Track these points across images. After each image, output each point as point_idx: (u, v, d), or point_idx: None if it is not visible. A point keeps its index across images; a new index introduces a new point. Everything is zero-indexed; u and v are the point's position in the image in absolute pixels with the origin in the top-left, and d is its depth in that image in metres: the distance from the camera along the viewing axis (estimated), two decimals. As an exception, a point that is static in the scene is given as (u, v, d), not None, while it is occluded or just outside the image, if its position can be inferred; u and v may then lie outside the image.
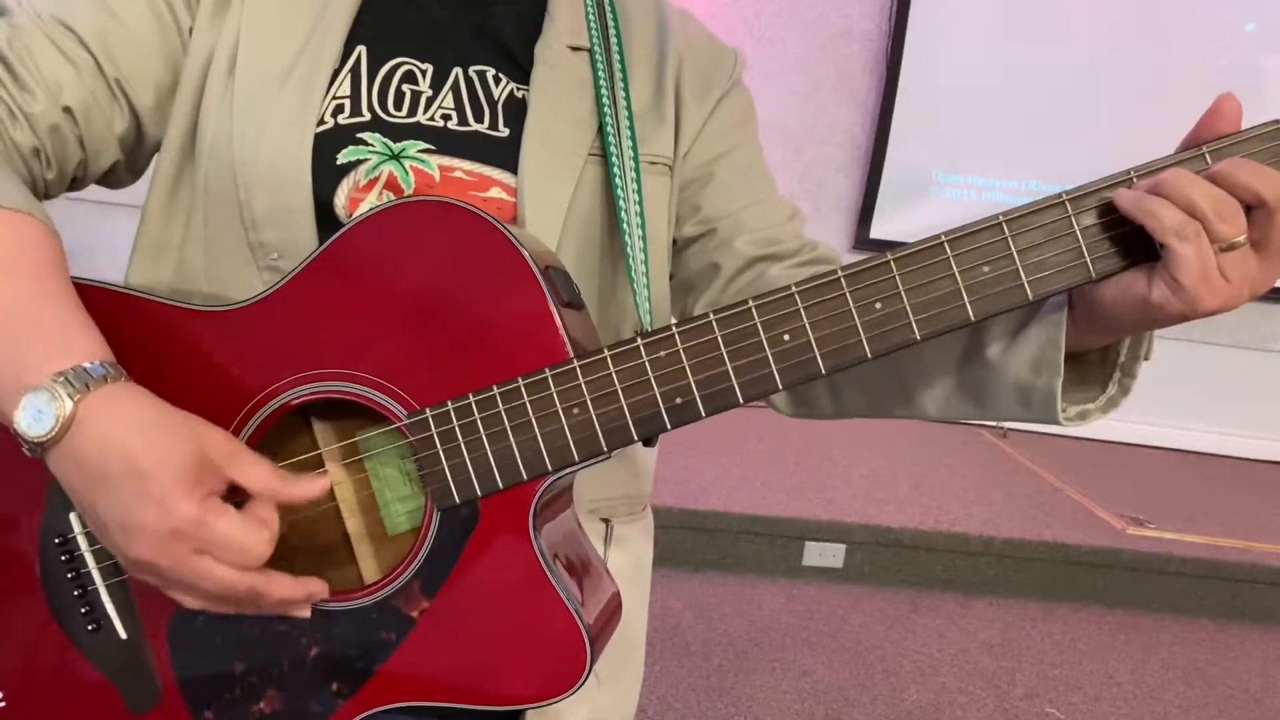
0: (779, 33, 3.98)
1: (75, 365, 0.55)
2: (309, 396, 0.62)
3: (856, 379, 0.73)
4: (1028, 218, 0.55)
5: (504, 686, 0.61)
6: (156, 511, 0.53)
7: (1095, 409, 0.63)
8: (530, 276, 0.59)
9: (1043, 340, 0.60)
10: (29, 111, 0.65)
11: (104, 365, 0.56)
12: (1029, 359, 0.61)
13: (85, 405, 0.54)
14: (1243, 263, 0.52)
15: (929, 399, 0.69)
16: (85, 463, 0.55)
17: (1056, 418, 0.61)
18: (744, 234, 0.77)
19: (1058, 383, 0.60)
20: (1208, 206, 0.51)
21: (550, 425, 0.59)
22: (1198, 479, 3.85)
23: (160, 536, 0.53)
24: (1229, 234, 0.51)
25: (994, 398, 0.64)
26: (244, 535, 0.55)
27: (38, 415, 0.54)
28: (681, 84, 0.79)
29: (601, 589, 0.67)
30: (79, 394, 0.54)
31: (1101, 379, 0.63)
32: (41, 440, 0.54)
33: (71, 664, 0.65)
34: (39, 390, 0.54)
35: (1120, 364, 0.61)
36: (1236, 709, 2.38)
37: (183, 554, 0.54)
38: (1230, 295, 0.53)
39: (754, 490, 2.97)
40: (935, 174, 4.06)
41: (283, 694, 0.63)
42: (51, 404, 0.54)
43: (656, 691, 2.15)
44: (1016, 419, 0.64)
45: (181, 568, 0.54)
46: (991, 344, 0.63)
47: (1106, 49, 3.92)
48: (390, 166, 0.69)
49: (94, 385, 0.55)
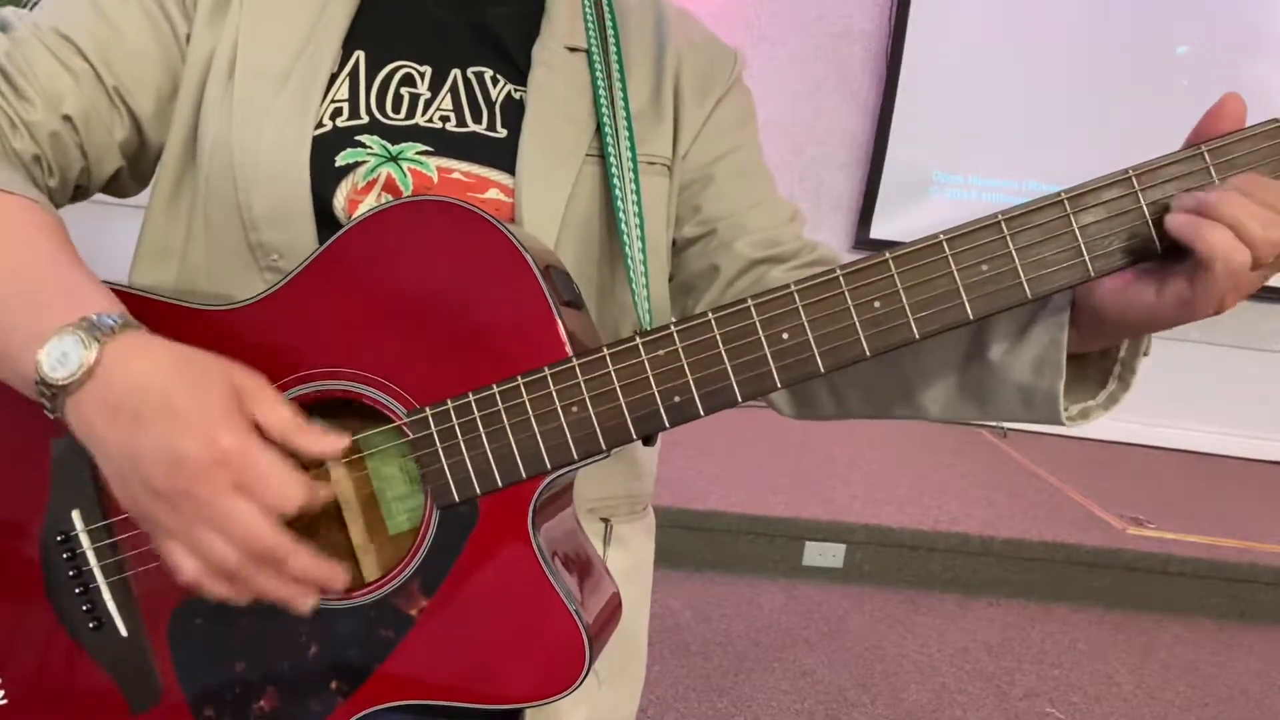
0: (779, 32, 3.98)
1: (97, 313, 0.55)
2: (310, 395, 0.62)
3: (857, 380, 0.73)
4: (1026, 216, 0.55)
5: (503, 685, 0.61)
6: (200, 441, 0.53)
7: (1096, 406, 0.63)
8: (530, 275, 0.59)
9: (1045, 341, 0.60)
10: (28, 120, 0.66)
11: (123, 316, 0.57)
12: (1031, 360, 0.61)
13: (110, 348, 0.54)
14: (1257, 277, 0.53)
15: (931, 399, 0.69)
16: (115, 403, 0.54)
17: (1059, 418, 0.62)
18: (745, 236, 0.77)
19: (1060, 384, 0.60)
20: (1259, 232, 0.51)
21: (549, 424, 0.60)
22: (1198, 479, 3.85)
23: (204, 465, 0.53)
24: (1269, 255, 0.51)
25: (996, 398, 0.65)
26: (284, 473, 0.54)
27: (63, 358, 0.54)
28: (681, 84, 0.79)
29: (601, 588, 0.67)
30: (104, 337, 0.54)
31: (1101, 375, 0.63)
32: (65, 383, 0.54)
33: (72, 661, 0.65)
34: (63, 334, 0.54)
35: (1121, 359, 0.62)
36: (1236, 709, 2.38)
37: (223, 485, 0.53)
38: (1234, 299, 0.54)
39: (754, 490, 2.97)
40: (935, 174, 4.06)
41: (282, 692, 0.64)
42: (78, 346, 0.54)
43: (656, 691, 2.15)
44: (1019, 419, 0.64)
45: (219, 502, 0.53)
46: (993, 345, 0.63)
47: (1106, 49, 3.92)
48: (388, 168, 0.69)
49: (119, 330, 0.55)
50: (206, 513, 0.53)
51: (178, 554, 0.55)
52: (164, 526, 0.55)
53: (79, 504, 0.64)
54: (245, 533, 0.54)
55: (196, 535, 0.54)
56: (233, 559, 0.54)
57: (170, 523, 0.55)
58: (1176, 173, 0.53)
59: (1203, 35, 3.91)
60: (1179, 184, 0.53)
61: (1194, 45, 3.91)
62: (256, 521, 0.54)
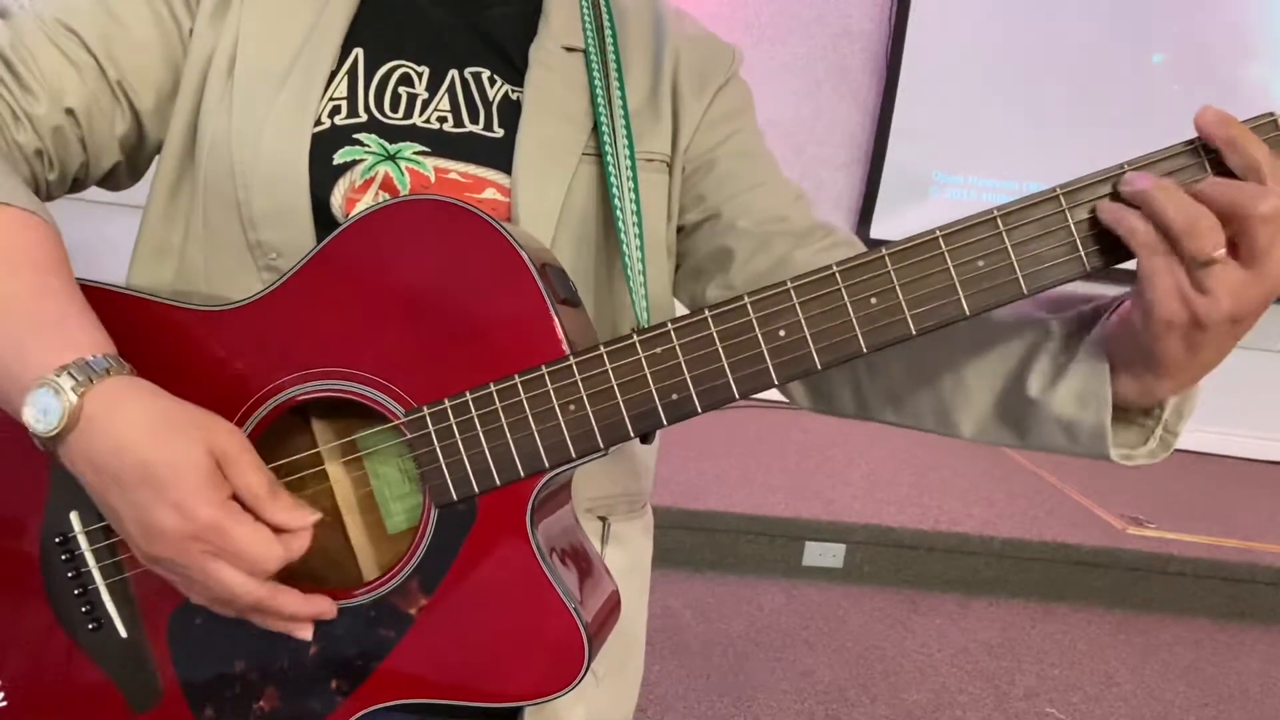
0: (779, 32, 3.98)
1: (78, 359, 0.55)
2: (308, 395, 0.62)
3: (889, 390, 0.72)
4: (1022, 212, 0.55)
5: (502, 683, 0.61)
6: (175, 516, 0.54)
7: (1140, 455, 0.61)
8: (527, 274, 0.59)
9: (1086, 374, 0.59)
10: (32, 113, 0.66)
11: (106, 358, 0.57)
12: (1074, 394, 0.60)
13: (90, 399, 0.55)
14: (1223, 274, 0.51)
15: (966, 422, 0.67)
16: (98, 463, 0.55)
17: (1106, 452, 0.60)
18: (750, 214, 0.77)
19: (1106, 415, 0.59)
20: (1180, 223, 0.51)
21: (547, 422, 0.60)
22: (1198, 479, 3.84)
23: (179, 539, 0.55)
24: (1200, 249, 0.50)
25: (1037, 430, 0.63)
26: (260, 545, 0.56)
27: (44, 411, 0.54)
28: (679, 80, 0.79)
29: (600, 587, 0.67)
30: (82, 388, 0.55)
31: (1144, 432, 0.61)
32: (49, 435, 0.55)
33: (72, 663, 0.65)
34: (43, 386, 0.54)
35: (1164, 420, 0.60)
36: (1236, 709, 2.38)
37: (198, 556, 0.55)
38: (1208, 306, 0.52)
39: (754, 490, 2.97)
40: (935, 174, 4.06)
41: (282, 691, 0.64)
42: (56, 399, 0.54)
43: (656, 691, 2.15)
44: (1063, 452, 0.63)
45: (195, 569, 0.56)
46: (1032, 379, 0.62)
47: (1106, 49, 3.92)
48: (386, 167, 0.69)
49: (97, 379, 0.55)
50: (188, 574, 0.57)
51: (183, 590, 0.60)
52: (166, 568, 0.58)
53: (77, 506, 0.64)
54: (230, 593, 0.57)
55: (190, 588, 0.58)
56: (229, 607, 0.59)
57: (162, 570, 0.58)
58: (1171, 168, 0.53)
59: (1202, 36, 3.91)
60: (1173, 179, 0.53)
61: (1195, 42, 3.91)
62: (238, 583, 0.56)
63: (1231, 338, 0.54)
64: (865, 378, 0.73)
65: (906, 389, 0.70)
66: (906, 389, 0.70)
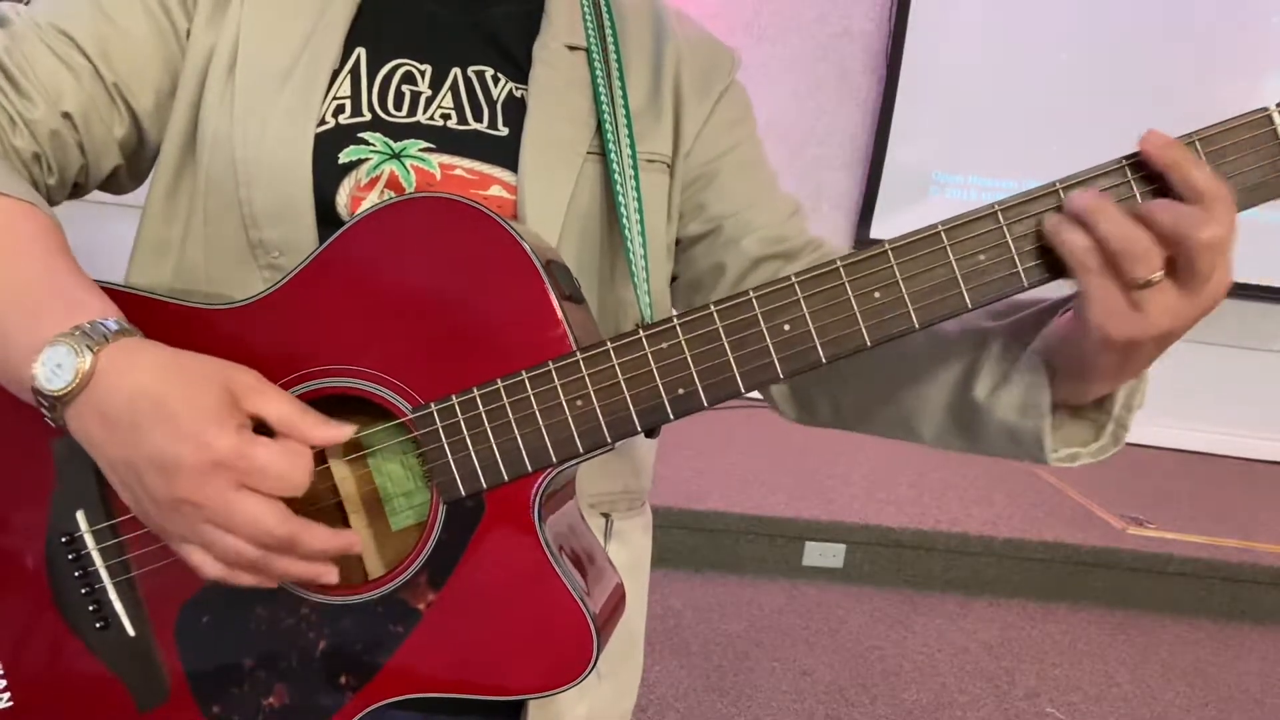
0: (779, 32, 3.98)
1: (91, 320, 0.56)
2: (313, 393, 0.62)
3: (857, 400, 0.74)
4: (1022, 206, 0.55)
5: (511, 676, 0.61)
6: (193, 446, 0.53)
7: (1086, 454, 0.63)
8: (532, 270, 0.60)
9: (1026, 383, 0.61)
10: (29, 118, 0.66)
11: (118, 322, 0.57)
12: (1016, 402, 0.62)
13: (104, 356, 0.55)
14: (1160, 295, 0.52)
15: (926, 429, 0.70)
16: (112, 413, 0.55)
17: (1045, 458, 0.62)
18: (750, 233, 0.78)
19: (1045, 424, 0.60)
20: (1117, 244, 0.51)
21: (554, 417, 0.60)
22: (1198, 479, 3.85)
23: (201, 471, 0.53)
24: (1137, 273, 0.51)
25: (985, 436, 0.66)
26: (283, 460, 0.55)
27: (57, 369, 0.54)
28: (680, 81, 0.80)
29: (606, 579, 0.67)
30: (97, 345, 0.55)
31: (1095, 427, 0.63)
32: (61, 394, 0.54)
33: (79, 662, 0.65)
34: (56, 343, 0.54)
35: (1115, 415, 0.61)
36: (1236, 709, 2.38)
37: (224, 487, 0.53)
38: (1144, 325, 0.52)
39: (754, 490, 2.97)
40: (935, 174, 4.06)
41: (291, 688, 0.64)
42: (70, 356, 0.54)
43: (656, 691, 2.15)
44: (1010, 457, 0.65)
45: (221, 503, 0.54)
46: (979, 385, 0.64)
47: (1106, 48, 3.92)
48: (392, 165, 0.70)
49: (112, 338, 0.55)
50: (212, 514, 0.54)
51: (196, 555, 0.56)
52: (176, 532, 0.56)
53: (83, 504, 0.64)
54: (254, 527, 0.54)
55: (208, 536, 0.55)
56: (249, 553, 0.55)
57: (181, 528, 0.56)
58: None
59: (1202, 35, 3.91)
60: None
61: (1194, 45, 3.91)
62: (262, 514, 0.54)
63: (1161, 350, 0.56)
64: (839, 389, 0.75)
65: (875, 399, 0.72)
66: (875, 399, 0.72)
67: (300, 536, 0.56)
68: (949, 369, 0.66)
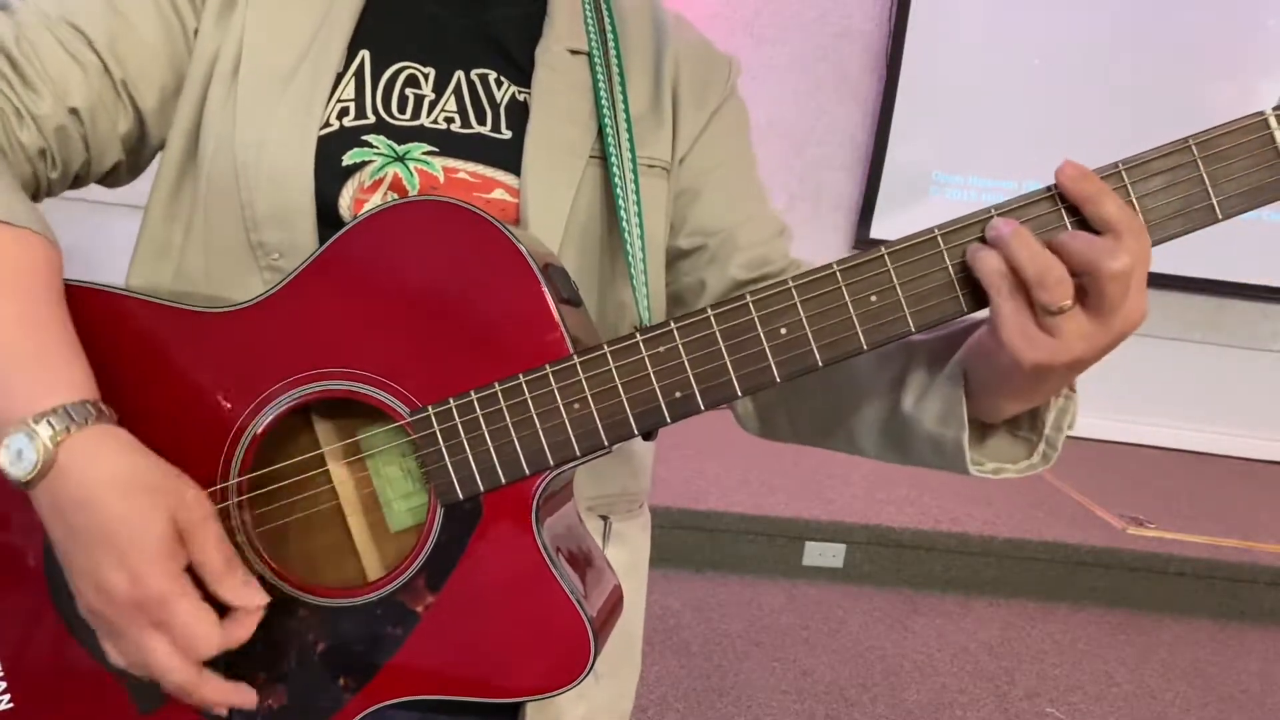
0: (779, 33, 3.98)
1: (57, 405, 0.55)
2: (311, 395, 0.62)
3: (810, 414, 0.76)
4: (1018, 211, 0.55)
5: (509, 678, 0.62)
6: (128, 581, 0.54)
7: (1013, 470, 0.63)
8: (530, 274, 0.60)
9: (945, 393, 0.62)
10: (36, 112, 0.66)
11: (86, 405, 0.57)
12: (937, 411, 0.63)
13: (65, 449, 0.55)
14: (1070, 322, 0.53)
15: (867, 441, 0.71)
16: (64, 513, 0.56)
17: (966, 469, 0.63)
18: (736, 254, 0.78)
19: (963, 435, 0.61)
20: (1030, 272, 0.52)
21: (551, 420, 0.60)
22: (1198, 479, 3.85)
23: (124, 604, 0.55)
24: (1049, 300, 0.52)
25: (913, 448, 0.66)
26: (197, 626, 0.55)
27: (18, 455, 0.55)
28: (679, 87, 0.80)
29: (603, 582, 0.67)
30: (60, 437, 0.55)
31: (1029, 446, 0.63)
32: (23, 480, 0.55)
33: (79, 664, 0.65)
34: (18, 431, 0.55)
35: (1046, 436, 0.62)
36: (1236, 709, 2.38)
37: (140, 623, 0.55)
38: (1056, 349, 0.53)
39: (754, 490, 2.98)
40: (935, 174, 4.07)
41: (290, 690, 0.64)
42: (32, 446, 0.54)
43: (656, 691, 2.15)
44: (936, 467, 0.66)
45: (132, 634, 0.56)
46: (906, 396, 0.65)
47: (1106, 48, 3.92)
48: (395, 168, 0.70)
49: (74, 429, 0.55)
50: (124, 638, 0.57)
51: (108, 648, 0.59)
52: (102, 625, 0.58)
53: None
54: (158, 666, 0.56)
55: (118, 648, 0.58)
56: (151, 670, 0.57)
57: (100, 625, 0.58)
58: (1163, 166, 0.54)
59: (1202, 34, 3.91)
60: (1166, 176, 0.54)
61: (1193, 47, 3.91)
62: (168, 658, 0.56)
63: (1074, 375, 0.57)
64: (796, 405, 0.77)
65: (825, 415, 0.74)
66: (825, 415, 0.74)
67: (195, 687, 0.57)
68: (883, 381, 0.67)
